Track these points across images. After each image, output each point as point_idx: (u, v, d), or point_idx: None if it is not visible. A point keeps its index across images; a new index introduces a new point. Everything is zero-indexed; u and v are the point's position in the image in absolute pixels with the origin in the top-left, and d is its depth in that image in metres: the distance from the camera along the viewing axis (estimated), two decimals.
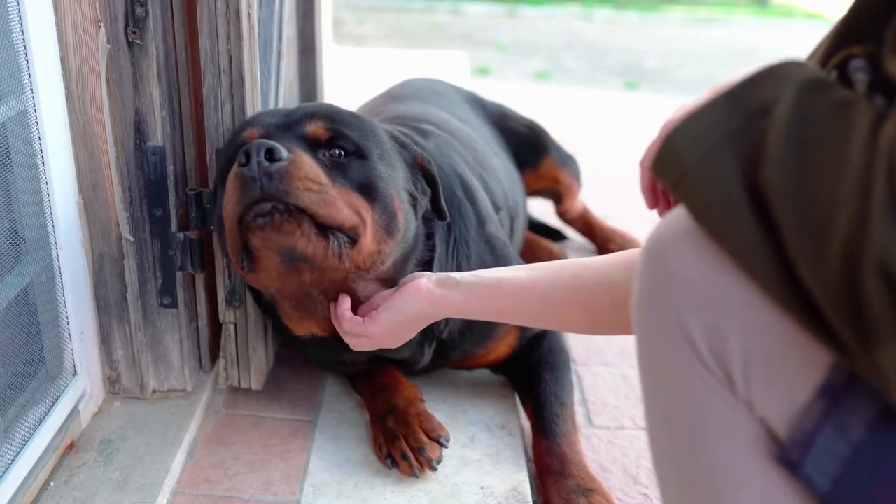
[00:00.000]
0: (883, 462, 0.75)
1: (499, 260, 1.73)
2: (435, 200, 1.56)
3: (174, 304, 1.68)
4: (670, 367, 0.86)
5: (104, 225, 1.61)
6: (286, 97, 2.03)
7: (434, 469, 1.57)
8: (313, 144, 1.41)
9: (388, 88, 2.56)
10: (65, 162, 1.54)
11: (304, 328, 1.58)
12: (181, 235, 1.65)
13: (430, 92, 2.49)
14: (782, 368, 0.80)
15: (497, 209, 1.93)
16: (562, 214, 2.70)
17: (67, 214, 1.56)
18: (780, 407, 0.80)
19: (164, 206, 1.62)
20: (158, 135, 1.57)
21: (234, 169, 1.31)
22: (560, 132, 2.70)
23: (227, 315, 1.71)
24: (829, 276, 0.69)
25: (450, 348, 1.71)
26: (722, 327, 0.81)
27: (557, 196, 2.65)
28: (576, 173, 2.65)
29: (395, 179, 1.47)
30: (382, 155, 1.46)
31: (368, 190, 1.40)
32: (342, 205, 1.34)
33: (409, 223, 1.48)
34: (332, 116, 1.45)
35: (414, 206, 1.52)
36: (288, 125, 1.44)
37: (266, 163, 1.27)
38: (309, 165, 1.32)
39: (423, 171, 1.54)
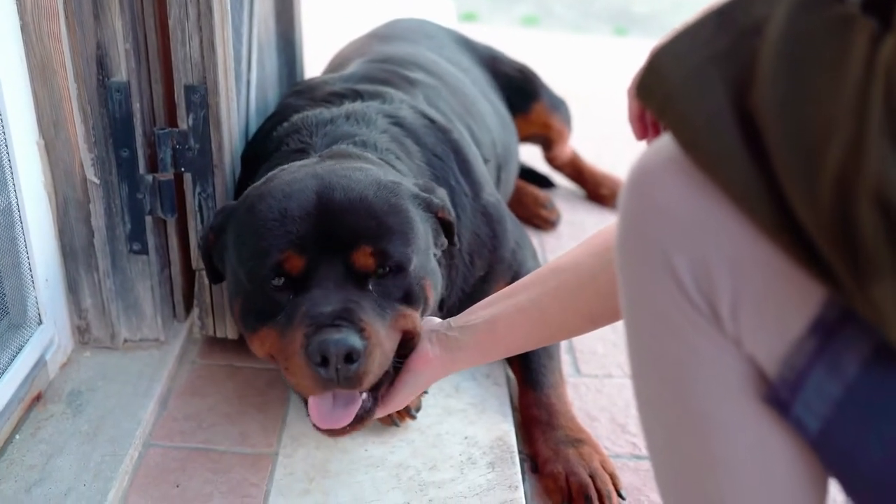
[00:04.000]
0: (877, 403, 0.72)
1: (494, 226, 1.69)
2: (449, 235, 1.51)
3: (144, 251, 1.61)
4: (654, 305, 0.82)
5: (67, 166, 1.53)
6: (261, 34, 1.93)
7: (413, 417, 1.53)
8: (362, 276, 1.33)
9: (374, 28, 2.45)
10: (22, 99, 1.45)
11: None
12: (150, 178, 1.57)
13: (418, 33, 2.39)
14: (773, 303, 0.76)
15: (485, 160, 1.87)
16: (551, 160, 2.63)
17: (27, 155, 1.47)
18: (769, 344, 0.77)
19: (130, 146, 1.54)
20: (123, 70, 1.48)
21: (306, 361, 1.24)
22: (548, 78, 2.61)
23: (200, 262, 1.64)
24: (822, 205, 0.65)
25: (448, 316, 1.66)
26: (709, 261, 0.77)
27: (548, 142, 2.57)
28: (567, 118, 2.56)
29: (427, 264, 1.42)
30: (418, 249, 1.39)
31: (409, 298, 1.37)
32: (393, 352, 1.33)
33: (435, 291, 1.45)
34: (377, 233, 1.33)
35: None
36: (329, 244, 1.31)
37: (345, 366, 1.23)
38: (380, 349, 1.28)
39: (443, 222, 1.48)
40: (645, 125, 1.05)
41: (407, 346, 1.36)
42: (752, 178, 0.70)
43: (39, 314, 1.53)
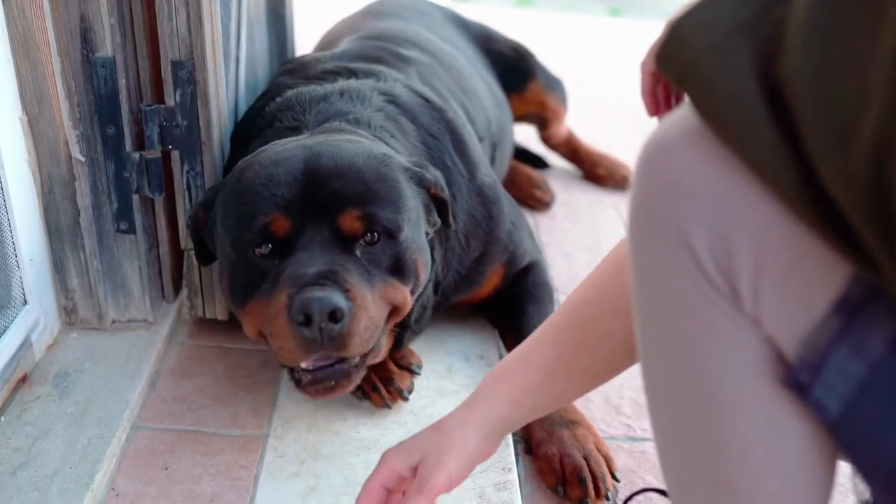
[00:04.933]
0: None
1: (489, 207, 1.66)
2: (443, 216, 1.48)
3: (132, 230, 1.58)
4: (669, 283, 0.78)
5: (52, 144, 1.49)
6: (251, 9, 1.89)
7: (405, 399, 1.50)
8: (349, 240, 1.31)
9: (367, 5, 2.42)
10: (4, 73, 1.42)
11: None
12: (137, 155, 1.54)
13: (411, 10, 2.35)
14: (796, 281, 0.72)
15: (480, 138, 1.84)
16: (546, 140, 2.60)
17: (10, 132, 1.44)
18: (791, 324, 0.74)
19: (116, 123, 1.50)
20: (108, 45, 1.44)
21: (289, 322, 1.22)
22: (543, 59, 2.57)
23: (189, 241, 1.61)
24: (856, 177, 0.61)
25: (443, 298, 1.65)
26: (729, 237, 0.73)
27: (543, 121, 2.54)
28: (563, 97, 2.53)
29: (418, 239, 1.40)
30: (409, 219, 1.36)
31: (399, 270, 1.35)
32: (382, 322, 1.33)
33: (426, 269, 1.43)
34: (364, 198, 1.31)
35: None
36: (316, 209, 1.30)
37: (329, 325, 1.21)
38: (366, 314, 1.26)
39: (435, 199, 1.45)
40: (657, 101, 1.02)
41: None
42: (777, 148, 0.67)
43: (24, 294, 1.50)
